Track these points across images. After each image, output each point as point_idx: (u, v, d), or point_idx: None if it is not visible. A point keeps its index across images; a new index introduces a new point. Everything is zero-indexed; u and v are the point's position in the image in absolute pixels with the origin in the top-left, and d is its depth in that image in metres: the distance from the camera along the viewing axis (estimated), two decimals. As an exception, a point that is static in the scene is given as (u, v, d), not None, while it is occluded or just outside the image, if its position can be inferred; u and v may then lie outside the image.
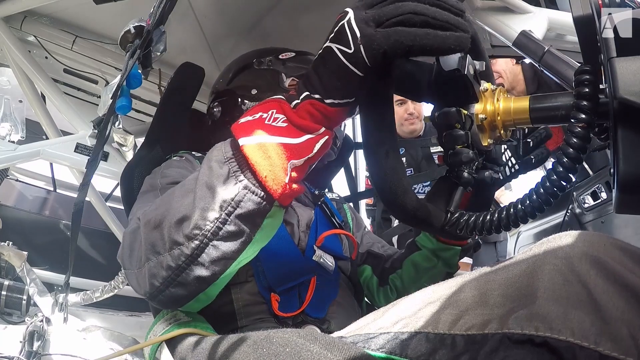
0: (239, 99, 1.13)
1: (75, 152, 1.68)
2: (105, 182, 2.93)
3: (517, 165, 0.83)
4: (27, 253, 2.30)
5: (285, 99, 0.62)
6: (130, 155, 1.74)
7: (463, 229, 0.67)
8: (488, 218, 0.64)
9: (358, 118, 0.66)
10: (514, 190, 2.89)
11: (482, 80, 0.69)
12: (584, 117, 0.57)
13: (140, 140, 1.38)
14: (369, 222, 3.11)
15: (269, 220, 0.65)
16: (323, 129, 0.60)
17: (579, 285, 0.42)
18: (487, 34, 1.42)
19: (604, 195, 2.32)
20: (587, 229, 2.23)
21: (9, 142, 1.97)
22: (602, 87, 0.59)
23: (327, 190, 1.31)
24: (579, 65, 0.60)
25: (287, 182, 0.59)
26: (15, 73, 1.74)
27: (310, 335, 0.55)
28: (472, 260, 2.75)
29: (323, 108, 0.59)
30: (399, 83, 0.70)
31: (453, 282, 0.53)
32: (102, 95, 1.09)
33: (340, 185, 2.01)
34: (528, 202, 0.61)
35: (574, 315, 0.40)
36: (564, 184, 0.59)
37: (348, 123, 1.29)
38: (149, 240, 0.67)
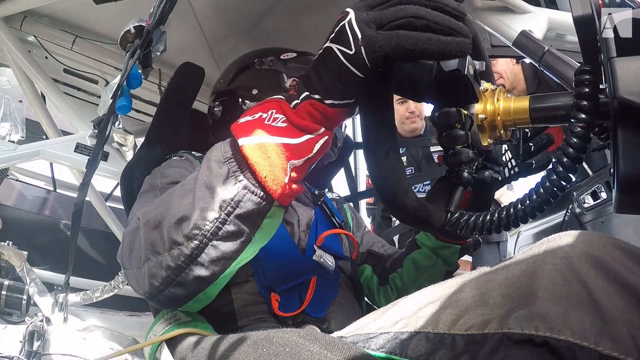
0: (240, 99, 1.13)
1: (75, 152, 1.69)
2: (105, 182, 2.93)
3: (516, 168, 0.83)
4: (27, 253, 2.30)
5: (285, 99, 0.61)
6: (130, 155, 1.74)
7: (463, 229, 0.67)
8: (488, 218, 0.64)
9: (358, 118, 0.66)
10: (516, 190, 2.88)
11: (482, 80, 0.69)
12: (584, 117, 0.57)
13: (140, 140, 1.38)
14: (369, 220, 3.10)
15: (269, 220, 0.65)
16: (323, 129, 0.60)
17: (579, 285, 0.42)
18: (487, 34, 1.42)
19: (604, 195, 2.32)
20: (587, 229, 2.23)
21: (9, 142, 1.97)
22: (602, 87, 0.59)
23: (327, 190, 1.31)
24: (579, 65, 0.60)
25: (286, 182, 0.59)
26: (15, 73, 1.74)
27: (310, 335, 0.55)
28: (471, 258, 2.74)
29: (323, 108, 0.58)
30: (399, 83, 0.70)
31: (453, 282, 0.53)
32: (102, 95, 1.09)
33: (340, 185, 2.01)
34: (528, 202, 0.61)
35: (574, 315, 0.40)
36: (564, 184, 0.59)
37: (348, 123, 1.29)
38: (149, 240, 0.67)
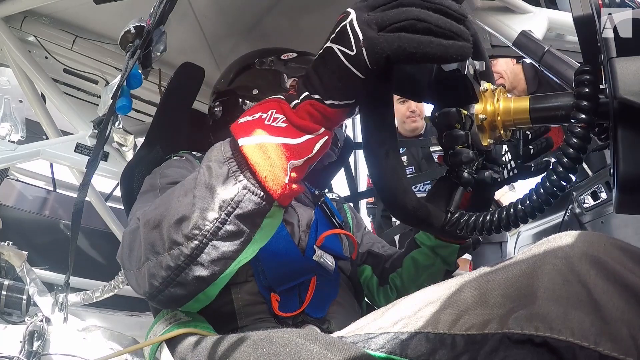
0: (240, 99, 1.13)
1: (75, 152, 1.69)
2: (105, 182, 2.93)
3: (515, 169, 0.83)
4: (27, 253, 2.30)
5: (285, 99, 0.61)
6: (130, 155, 1.75)
7: (463, 229, 0.67)
8: (488, 218, 0.64)
9: (358, 118, 0.66)
10: (517, 191, 2.87)
11: (482, 80, 0.69)
12: (584, 117, 0.57)
13: (140, 140, 1.39)
14: (370, 220, 3.10)
15: (269, 220, 0.65)
16: (323, 129, 0.60)
17: (579, 285, 0.42)
18: (487, 34, 1.43)
19: (604, 195, 2.32)
20: (587, 229, 2.22)
21: (9, 142, 1.98)
22: (602, 87, 0.59)
23: (327, 190, 1.31)
24: (579, 65, 0.60)
25: (286, 182, 0.59)
26: (15, 73, 1.74)
27: (310, 335, 0.55)
28: (472, 258, 2.74)
29: (323, 109, 0.58)
30: (399, 83, 0.70)
31: (453, 282, 0.53)
32: (102, 95, 1.09)
33: (340, 185, 2.01)
34: (528, 202, 0.61)
35: (574, 315, 0.40)
36: (564, 184, 0.59)
37: (348, 123, 1.29)
38: (149, 240, 0.67)
